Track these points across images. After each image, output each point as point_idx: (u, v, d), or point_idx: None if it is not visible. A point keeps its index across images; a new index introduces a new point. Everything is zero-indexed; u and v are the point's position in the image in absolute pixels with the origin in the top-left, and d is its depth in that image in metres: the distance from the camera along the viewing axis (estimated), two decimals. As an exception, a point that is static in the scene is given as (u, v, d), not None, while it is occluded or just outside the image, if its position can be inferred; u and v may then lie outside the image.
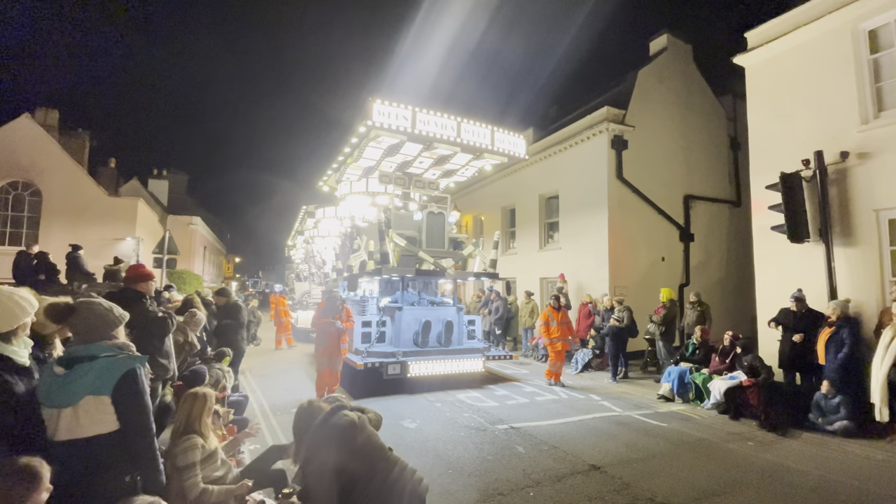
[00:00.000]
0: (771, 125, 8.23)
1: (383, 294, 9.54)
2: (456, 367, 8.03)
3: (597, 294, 11.26)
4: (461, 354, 8.33)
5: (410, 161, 9.03)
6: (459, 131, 8.17)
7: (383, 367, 7.47)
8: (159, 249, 11.81)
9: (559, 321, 8.80)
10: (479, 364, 8.32)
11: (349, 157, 8.88)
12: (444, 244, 9.33)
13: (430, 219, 9.24)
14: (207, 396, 3.05)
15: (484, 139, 8.50)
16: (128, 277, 4.31)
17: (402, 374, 7.58)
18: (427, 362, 7.80)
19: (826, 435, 5.78)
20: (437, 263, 8.89)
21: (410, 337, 8.26)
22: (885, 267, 6.66)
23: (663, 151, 13.08)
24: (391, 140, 7.96)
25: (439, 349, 8.25)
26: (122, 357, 2.20)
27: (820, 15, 7.48)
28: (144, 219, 20.40)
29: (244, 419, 4.95)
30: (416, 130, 7.69)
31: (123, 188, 26.63)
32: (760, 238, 8.23)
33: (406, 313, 8.36)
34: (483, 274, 9.36)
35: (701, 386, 7.29)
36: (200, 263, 29.82)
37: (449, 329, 8.36)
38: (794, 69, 7.92)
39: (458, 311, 8.92)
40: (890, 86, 6.84)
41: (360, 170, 9.60)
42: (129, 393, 2.14)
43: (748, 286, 9.41)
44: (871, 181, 6.79)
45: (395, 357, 7.69)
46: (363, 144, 8.09)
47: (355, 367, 7.39)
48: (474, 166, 9.48)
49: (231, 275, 46.83)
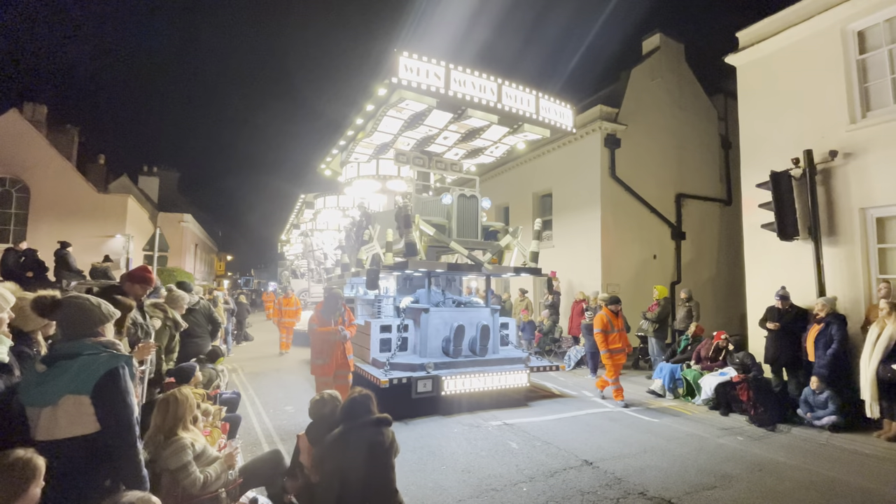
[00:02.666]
0: (761, 124, 8.32)
1: (402, 292, 8.24)
2: (497, 382, 6.66)
3: (589, 291, 11.33)
4: (502, 366, 7.02)
5: (434, 136, 7.64)
6: (500, 95, 6.75)
7: (412, 383, 6.13)
8: (150, 247, 11.70)
9: (620, 328, 7.37)
10: (523, 377, 6.89)
11: (361, 131, 7.56)
12: (477, 233, 7.84)
13: (462, 203, 7.71)
14: (186, 398, 2.99)
15: (528, 106, 7.10)
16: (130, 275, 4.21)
17: (435, 392, 6.22)
18: (463, 376, 6.43)
19: (814, 430, 5.87)
20: (473, 256, 7.42)
21: (439, 345, 7.03)
22: (872, 264, 6.76)
23: (656, 150, 13.17)
24: (417, 106, 6.54)
25: (475, 359, 6.97)
26: (105, 355, 2.11)
27: (809, 15, 7.56)
28: (134, 216, 20.17)
29: (237, 416, 4.93)
30: (449, 92, 6.29)
31: (113, 185, 26.28)
32: (751, 236, 8.32)
33: (434, 316, 7.08)
34: (524, 269, 7.85)
35: (692, 382, 7.37)
36: (191, 261, 29.56)
37: (485, 335, 7.07)
38: (784, 69, 8.00)
39: (492, 313, 7.65)
40: (877, 86, 6.94)
41: (372, 148, 8.25)
42: (110, 393, 2.04)
43: (739, 284, 9.51)
44: (859, 180, 6.88)
45: (425, 370, 6.36)
46: (380, 113, 6.76)
47: (377, 385, 5.95)
48: (506, 144, 8.16)
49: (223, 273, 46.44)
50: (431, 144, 7.98)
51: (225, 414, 4.46)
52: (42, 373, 2.03)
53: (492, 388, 6.64)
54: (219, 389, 5.34)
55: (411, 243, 6.84)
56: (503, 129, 7.49)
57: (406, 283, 8.43)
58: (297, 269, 21.43)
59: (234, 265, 56.62)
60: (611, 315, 7.31)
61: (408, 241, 6.83)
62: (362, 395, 2.97)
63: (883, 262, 6.73)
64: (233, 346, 12.75)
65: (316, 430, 3.12)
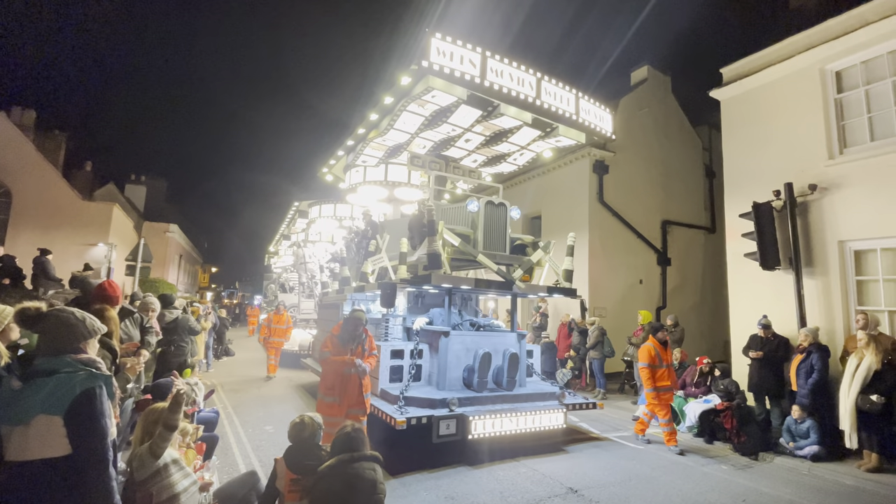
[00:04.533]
0: (744, 156, 8.58)
1: (412, 311, 7.23)
2: (531, 423, 5.59)
3: (576, 314, 11.37)
4: (533, 402, 6.03)
5: (455, 138, 6.82)
6: (539, 91, 5.98)
7: (433, 423, 5.06)
8: (132, 257, 11.50)
9: (669, 362, 6.49)
10: (559, 417, 5.85)
11: (374, 129, 6.69)
12: (505, 246, 6.84)
13: (489, 212, 6.73)
14: (155, 411, 2.94)
15: (567, 106, 6.33)
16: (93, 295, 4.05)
17: (460, 435, 5.17)
18: (493, 416, 5.36)
19: (796, 459, 5.89)
20: (503, 272, 6.52)
21: (459, 375, 6.08)
22: (851, 296, 6.93)
23: (642, 177, 13.46)
24: (444, 99, 5.70)
25: (503, 394, 5.96)
26: (83, 374, 2.00)
27: (790, 55, 7.91)
28: (119, 225, 19.84)
29: (214, 436, 4.78)
30: (485, 82, 5.50)
31: (99, 193, 25.90)
32: (734, 264, 8.48)
33: (454, 341, 6.10)
34: (558, 289, 6.90)
35: (677, 409, 7.37)
36: (175, 272, 29.05)
37: (513, 365, 6.09)
38: (766, 104, 8.31)
39: (519, 339, 6.75)
40: (854, 124, 7.23)
41: (383, 150, 7.39)
42: (84, 415, 1.93)
43: (723, 310, 9.65)
44: (836, 213, 7.10)
45: (447, 407, 5.31)
46: (400, 108, 5.91)
47: (392, 425, 4.91)
48: (532, 150, 7.37)
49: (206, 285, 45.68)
50: (450, 148, 7.16)
51: (202, 433, 4.33)
52: (17, 389, 1.93)
53: (525, 431, 5.54)
54: (196, 407, 5.19)
55: (436, 254, 5.84)
56: (534, 132, 6.67)
57: (418, 300, 7.49)
58: (287, 282, 19.77)
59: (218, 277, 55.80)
60: (658, 347, 6.39)
61: (432, 251, 5.87)
62: (355, 429, 3.02)
63: (861, 294, 6.90)
64: (213, 361, 12.44)
65: (295, 454, 3.05)
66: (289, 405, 8.15)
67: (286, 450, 3.15)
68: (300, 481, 2.89)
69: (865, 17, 6.96)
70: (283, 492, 2.95)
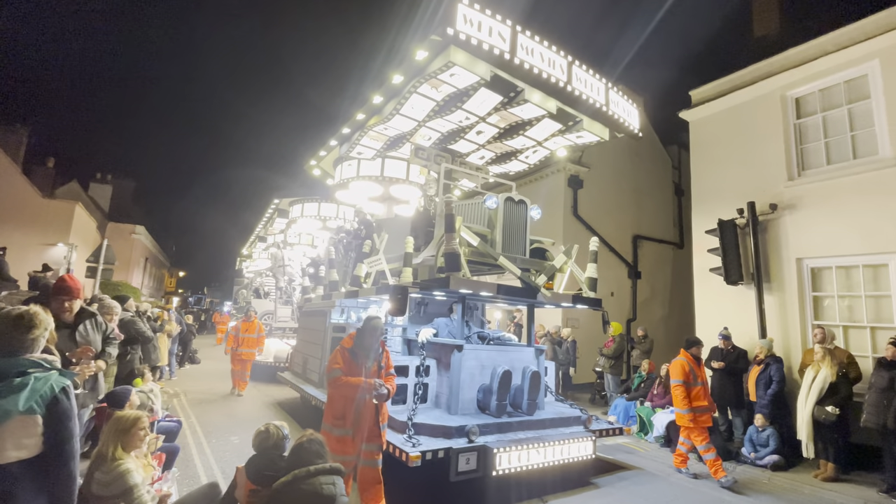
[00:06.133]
0: (711, 175, 8.93)
1: (414, 321, 6.54)
2: (560, 454, 4.81)
3: (549, 326, 11.50)
4: (557, 429, 5.27)
5: (466, 129, 6.16)
6: (570, 76, 5.32)
7: (451, 457, 4.20)
8: (94, 258, 11.00)
9: (704, 379, 5.85)
10: (588, 446, 5.08)
11: (376, 115, 5.93)
12: (524, 249, 6.05)
13: (509, 209, 5.95)
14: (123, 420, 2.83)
15: (598, 95, 5.71)
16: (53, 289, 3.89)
17: (482, 471, 4.33)
18: (520, 447, 4.52)
19: (757, 468, 6.08)
20: (527, 277, 5.81)
21: (473, 396, 5.31)
22: (807, 311, 7.25)
23: (615, 193, 13.83)
24: (463, 79, 4.95)
25: (524, 419, 5.16)
26: (54, 373, 2.00)
27: (754, 80, 8.32)
28: (81, 225, 19.03)
29: (174, 447, 4.59)
30: (515, 59, 4.84)
31: (60, 191, 24.79)
32: (700, 279, 8.77)
33: (468, 357, 5.35)
34: (583, 299, 6.15)
35: (645, 419, 7.52)
36: (140, 275, 28.01)
37: (535, 385, 5.40)
38: (731, 126, 8.69)
39: (537, 355, 6.10)
40: (812, 148, 7.63)
41: (382, 141, 6.63)
42: (61, 414, 1.95)
43: (689, 323, 9.93)
44: (795, 232, 7.45)
45: (466, 437, 4.46)
46: (410, 89, 5.14)
47: (404, 462, 4.05)
48: (547, 148, 6.74)
49: (173, 289, 44.16)
50: (458, 141, 6.47)
51: (161, 443, 4.16)
52: None
53: (552, 463, 4.75)
54: (156, 416, 4.98)
55: (455, 254, 5.01)
56: (554, 125, 6.02)
57: (420, 309, 6.78)
58: (262, 287, 18.33)
59: (186, 282, 54.03)
60: (692, 362, 5.77)
61: (450, 251, 5.05)
62: (312, 440, 2.85)
63: (817, 309, 7.24)
64: (176, 369, 11.98)
65: (256, 464, 2.95)
66: (258, 414, 7.91)
67: (249, 459, 3.04)
68: (259, 493, 2.79)
69: (824, 48, 7.40)
70: (241, 502, 2.84)
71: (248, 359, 9.98)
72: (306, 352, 8.17)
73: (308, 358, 7.94)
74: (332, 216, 10.66)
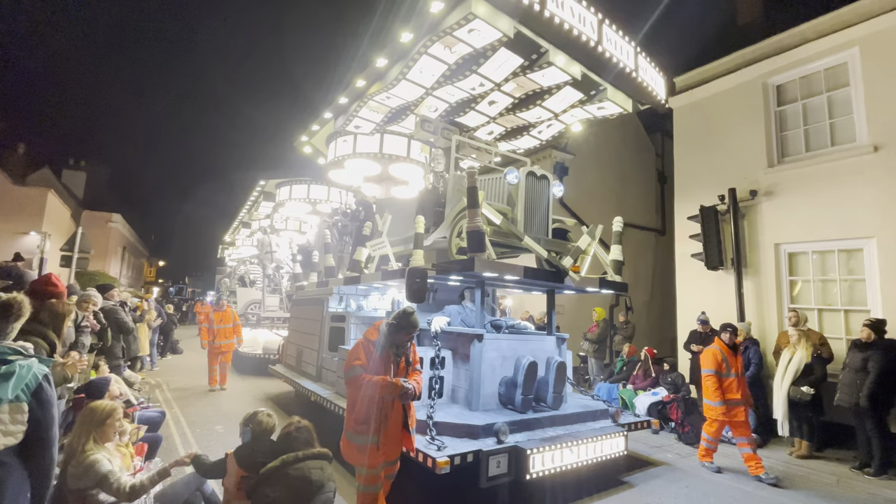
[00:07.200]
0: (693, 162, 9.03)
1: (422, 309, 5.85)
2: (593, 452, 4.42)
3: (535, 312, 11.60)
4: (585, 423, 4.92)
5: (477, 98, 5.65)
6: (601, 35, 4.77)
7: (482, 461, 3.74)
8: (69, 247, 10.68)
9: (738, 371, 5.34)
10: (620, 442, 4.70)
11: (378, 83, 5.33)
12: (546, 229, 5.57)
13: (531, 185, 5.39)
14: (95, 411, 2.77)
15: (627, 59, 5.19)
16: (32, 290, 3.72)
17: (514, 475, 3.90)
18: (553, 446, 4.09)
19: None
20: (554, 260, 5.19)
21: (494, 390, 4.86)
22: (784, 295, 7.45)
23: (599, 180, 13.92)
24: (482, 37, 4.36)
25: (551, 415, 4.76)
26: (35, 360, 2.02)
27: (736, 68, 8.39)
28: (54, 213, 18.44)
29: (157, 436, 4.52)
30: (545, 12, 4.30)
31: (32, 177, 23.94)
32: (682, 264, 8.92)
33: (489, 347, 4.88)
34: (609, 283, 5.65)
35: (628, 401, 7.68)
36: (117, 265, 27.35)
37: (560, 376, 4.95)
38: (714, 113, 8.78)
39: (559, 345, 5.71)
40: (793, 135, 7.76)
41: (383, 113, 6.04)
42: (45, 401, 1.98)
43: (671, 309, 10.12)
44: (774, 218, 7.61)
45: (495, 436, 4.03)
46: (421, 49, 4.55)
47: (432, 469, 3.53)
48: (563, 122, 6.30)
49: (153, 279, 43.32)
50: (468, 113, 5.95)
51: (144, 434, 4.09)
52: None
53: (586, 463, 4.35)
54: (136, 407, 4.89)
55: (479, 232, 4.43)
56: (575, 95, 5.54)
57: (429, 296, 6.20)
58: (247, 275, 17.20)
59: (166, 272, 53.00)
60: (726, 351, 5.30)
61: (474, 229, 4.45)
62: (300, 427, 2.87)
63: (794, 293, 7.43)
64: (157, 359, 11.79)
65: (246, 450, 2.92)
66: (242, 402, 7.84)
67: (238, 446, 3.01)
68: (250, 479, 2.77)
69: (805, 35, 7.48)
70: (230, 490, 2.82)
71: (227, 350, 9.23)
72: (301, 343, 7.65)
73: (303, 350, 7.46)
74: (323, 199, 10.05)
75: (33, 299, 3.38)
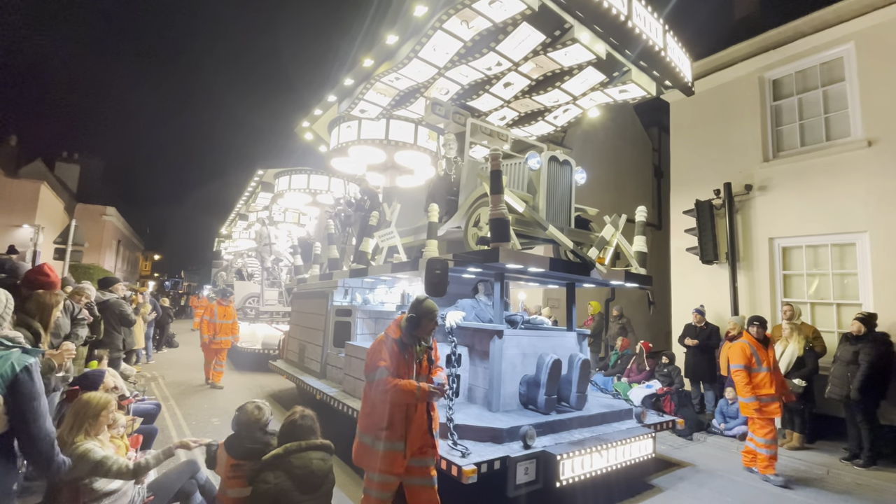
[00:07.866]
0: (689, 156, 9.05)
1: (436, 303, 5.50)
2: (622, 456, 4.15)
3: (531, 305, 11.64)
4: (611, 424, 4.67)
5: (492, 79, 5.34)
6: (630, 10, 4.34)
7: (509, 468, 3.49)
8: (62, 240, 10.60)
9: (770, 365, 5.02)
10: (648, 445, 4.43)
11: (387, 62, 5.02)
12: (568, 218, 5.25)
13: (553, 171, 5.06)
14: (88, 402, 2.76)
15: (656, 37, 4.79)
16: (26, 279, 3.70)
17: (542, 483, 3.65)
18: (583, 450, 3.80)
19: (726, 438, 6.34)
20: (580, 252, 4.91)
21: (515, 389, 4.60)
22: (777, 288, 7.50)
23: (596, 175, 13.90)
24: (505, 8, 4.07)
25: (576, 416, 4.50)
26: (16, 351, 1.96)
27: (733, 62, 8.39)
28: (47, 205, 18.30)
29: (152, 428, 4.53)
30: None
31: (25, 170, 23.75)
32: (677, 258, 8.96)
33: (509, 344, 4.60)
34: (634, 276, 5.43)
35: (622, 394, 7.73)
36: (112, 258, 27.22)
37: (584, 375, 4.72)
38: (710, 107, 8.78)
39: (580, 341, 5.50)
40: (788, 129, 7.78)
41: (391, 95, 5.71)
42: (25, 393, 1.91)
43: (666, 302, 10.18)
44: (768, 213, 7.65)
45: (522, 440, 3.75)
46: (435, 23, 4.25)
47: (457, 479, 3.25)
48: (581, 106, 6.08)
49: (148, 273, 43.15)
50: (481, 96, 5.64)
51: (139, 425, 4.09)
52: None
53: (615, 467, 4.07)
54: (130, 399, 4.88)
55: (503, 220, 4.11)
56: (597, 76, 5.23)
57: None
58: (244, 268, 16.73)
59: (162, 266, 52.80)
60: (756, 345, 5.01)
61: (497, 216, 4.11)
62: (305, 415, 2.85)
63: (787, 287, 7.49)
64: (153, 353, 11.77)
65: (236, 438, 2.93)
66: (238, 396, 7.85)
67: (229, 436, 3.02)
68: (242, 467, 2.78)
69: (801, 30, 7.48)
70: (223, 478, 2.83)
71: (224, 347, 8.85)
72: (303, 338, 7.34)
73: (306, 345, 7.17)
74: (324, 189, 9.66)
75: (26, 289, 3.38)
